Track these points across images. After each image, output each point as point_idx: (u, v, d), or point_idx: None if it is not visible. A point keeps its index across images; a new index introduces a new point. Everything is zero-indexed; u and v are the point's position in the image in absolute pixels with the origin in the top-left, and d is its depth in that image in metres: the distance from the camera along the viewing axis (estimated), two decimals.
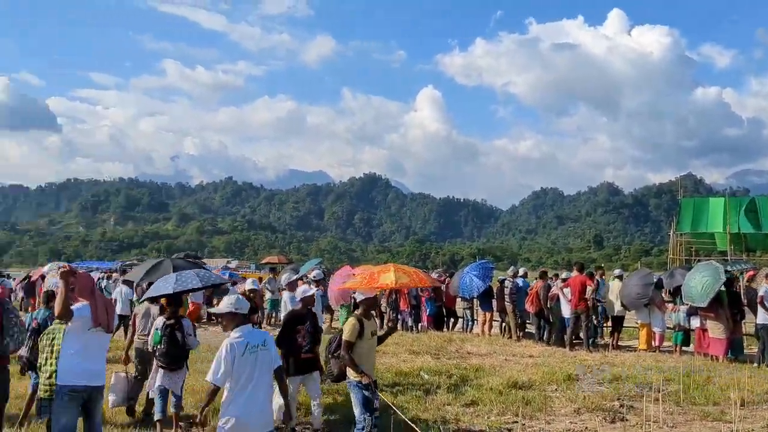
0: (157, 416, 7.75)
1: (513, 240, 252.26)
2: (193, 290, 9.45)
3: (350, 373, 6.81)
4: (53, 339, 6.24)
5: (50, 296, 7.75)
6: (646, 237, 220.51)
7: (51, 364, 6.13)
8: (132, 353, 8.72)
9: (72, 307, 5.70)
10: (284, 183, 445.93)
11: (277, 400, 6.77)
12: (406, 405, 9.13)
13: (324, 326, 10.98)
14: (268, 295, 20.19)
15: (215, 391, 5.27)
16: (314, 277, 12.80)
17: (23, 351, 7.47)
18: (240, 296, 5.68)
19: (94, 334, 5.87)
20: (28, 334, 7.44)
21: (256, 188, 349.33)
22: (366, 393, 6.69)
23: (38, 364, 6.48)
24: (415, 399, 9.54)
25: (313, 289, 8.39)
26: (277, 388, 5.78)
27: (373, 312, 7.45)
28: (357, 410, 6.77)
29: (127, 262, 43.81)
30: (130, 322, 9.11)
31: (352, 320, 6.92)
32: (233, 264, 66.67)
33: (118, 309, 17.19)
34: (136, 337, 8.69)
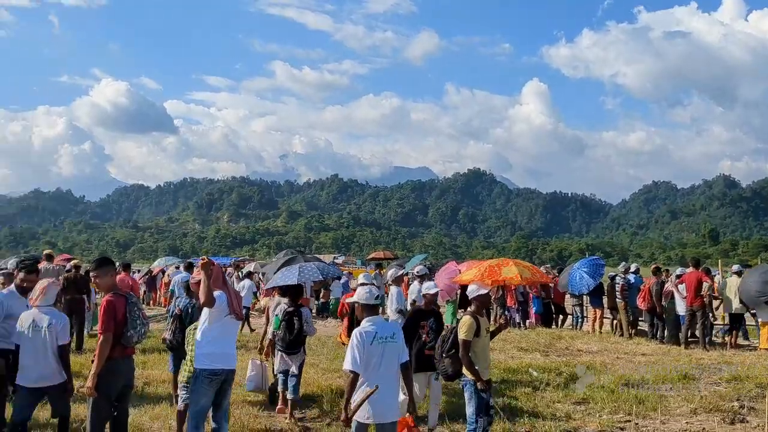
0: (284, 396, 8.47)
1: (623, 235, 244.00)
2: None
3: (465, 372, 6.68)
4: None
5: (189, 286, 8.32)
6: (767, 231, 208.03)
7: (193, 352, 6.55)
8: (265, 343, 9.19)
9: (217, 295, 6.09)
10: (389, 179, 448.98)
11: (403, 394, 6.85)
12: (514, 402, 9.11)
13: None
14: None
15: (354, 379, 5.31)
16: (418, 272, 12.89)
17: (167, 334, 8.16)
18: (373, 287, 5.86)
19: (228, 321, 6.23)
20: (171, 320, 8.20)
21: (362, 185, 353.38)
22: (482, 395, 6.58)
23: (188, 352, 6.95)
24: (524, 396, 9.49)
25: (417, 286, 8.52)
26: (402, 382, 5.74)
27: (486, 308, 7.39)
28: (470, 410, 6.68)
29: (240, 258, 45.57)
30: (264, 314, 9.63)
31: (468, 318, 6.76)
32: (340, 260, 67.95)
33: (244, 301, 18.50)
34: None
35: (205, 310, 6.21)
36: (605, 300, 17.57)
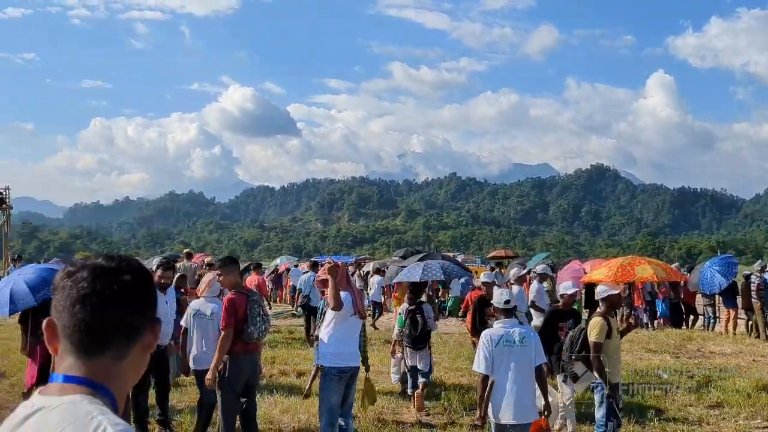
0: (409, 391, 8.80)
1: (758, 232, 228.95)
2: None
3: (595, 374, 6.56)
4: None
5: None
6: None
7: None
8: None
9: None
10: (508, 177, 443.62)
11: (554, 400, 6.78)
12: (644, 405, 8.85)
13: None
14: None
15: (485, 379, 5.44)
16: (540, 271, 12.69)
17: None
18: (507, 290, 5.91)
19: (353, 320, 6.38)
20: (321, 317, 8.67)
21: (480, 183, 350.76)
22: (611, 400, 6.45)
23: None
24: (653, 398, 9.20)
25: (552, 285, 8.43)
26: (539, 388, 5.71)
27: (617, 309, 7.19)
28: (599, 413, 6.59)
29: (361, 257, 46.57)
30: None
31: (599, 319, 6.62)
32: (459, 258, 67.75)
33: (373, 296, 19.24)
34: None
35: (331, 311, 6.34)
36: (739, 300, 16.67)
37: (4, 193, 31.62)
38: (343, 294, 6.24)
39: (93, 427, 1.23)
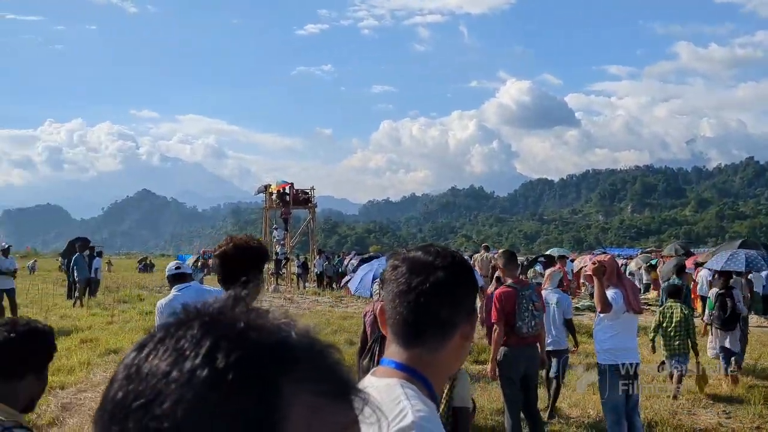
0: (722, 371, 9.49)
1: None
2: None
3: None
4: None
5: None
6: None
7: None
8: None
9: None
10: None
11: None
12: None
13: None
14: None
15: None
16: None
17: None
18: None
19: (627, 317, 6.25)
20: None
21: None
22: None
23: None
24: None
25: None
26: None
27: None
28: None
29: (647, 249, 44.43)
30: None
31: None
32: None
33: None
34: None
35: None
36: None
37: (309, 192, 35.05)
38: (611, 292, 6.19)
39: (398, 411, 1.32)
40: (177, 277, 5.67)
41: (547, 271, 8.16)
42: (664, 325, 8.83)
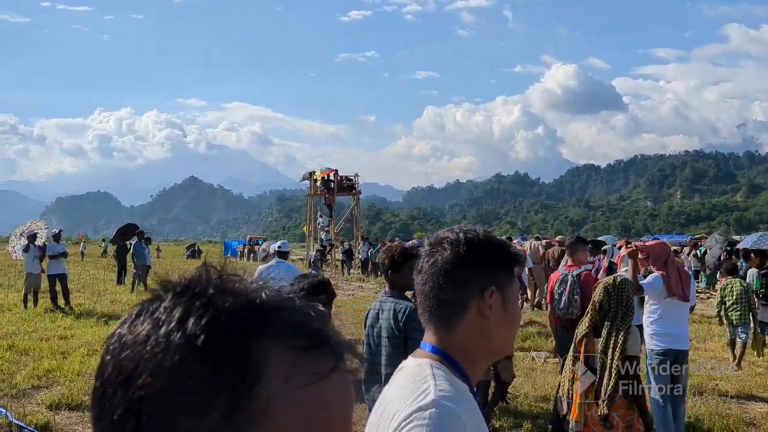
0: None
1: None
2: None
3: None
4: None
5: None
6: None
7: None
8: None
9: (642, 283, 6.13)
10: None
11: None
12: None
13: None
14: None
15: None
16: None
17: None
18: None
19: (671, 302, 6.15)
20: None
21: None
22: None
23: None
24: None
25: None
26: None
27: None
28: None
29: (697, 236, 43.35)
30: None
31: None
32: None
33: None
34: None
35: (648, 292, 6.24)
36: None
37: (353, 179, 35.14)
38: (651, 277, 6.17)
39: (423, 389, 1.36)
40: (280, 254, 8.91)
41: (620, 253, 8.36)
42: (726, 299, 10.05)
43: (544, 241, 18.00)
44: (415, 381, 1.39)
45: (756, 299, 10.57)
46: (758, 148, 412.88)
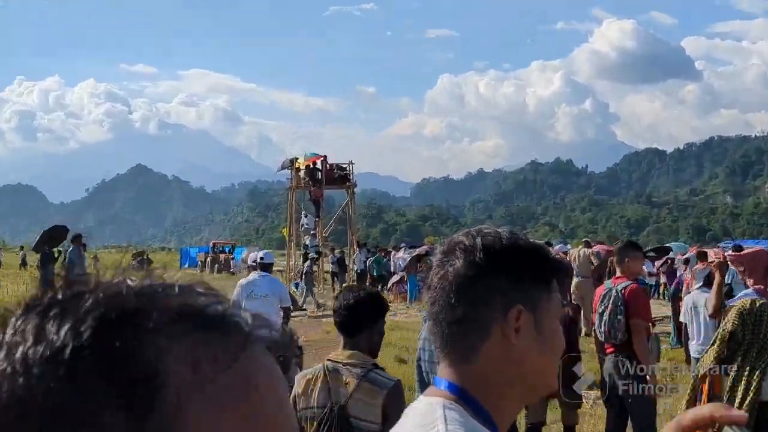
0: None
1: None
2: None
3: None
4: None
5: None
6: None
7: None
8: None
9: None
10: None
11: None
12: None
13: None
14: None
15: None
16: None
17: None
18: None
19: None
20: None
21: None
22: None
23: None
24: None
25: None
26: None
27: None
28: None
29: None
30: None
31: None
32: None
33: None
34: None
35: None
36: None
37: (347, 168, 34.80)
38: (743, 292, 6.23)
39: None
40: (263, 267, 9.56)
41: (694, 268, 8.38)
42: None
43: (596, 248, 17.83)
44: (423, 426, 1.36)
45: None
46: None
